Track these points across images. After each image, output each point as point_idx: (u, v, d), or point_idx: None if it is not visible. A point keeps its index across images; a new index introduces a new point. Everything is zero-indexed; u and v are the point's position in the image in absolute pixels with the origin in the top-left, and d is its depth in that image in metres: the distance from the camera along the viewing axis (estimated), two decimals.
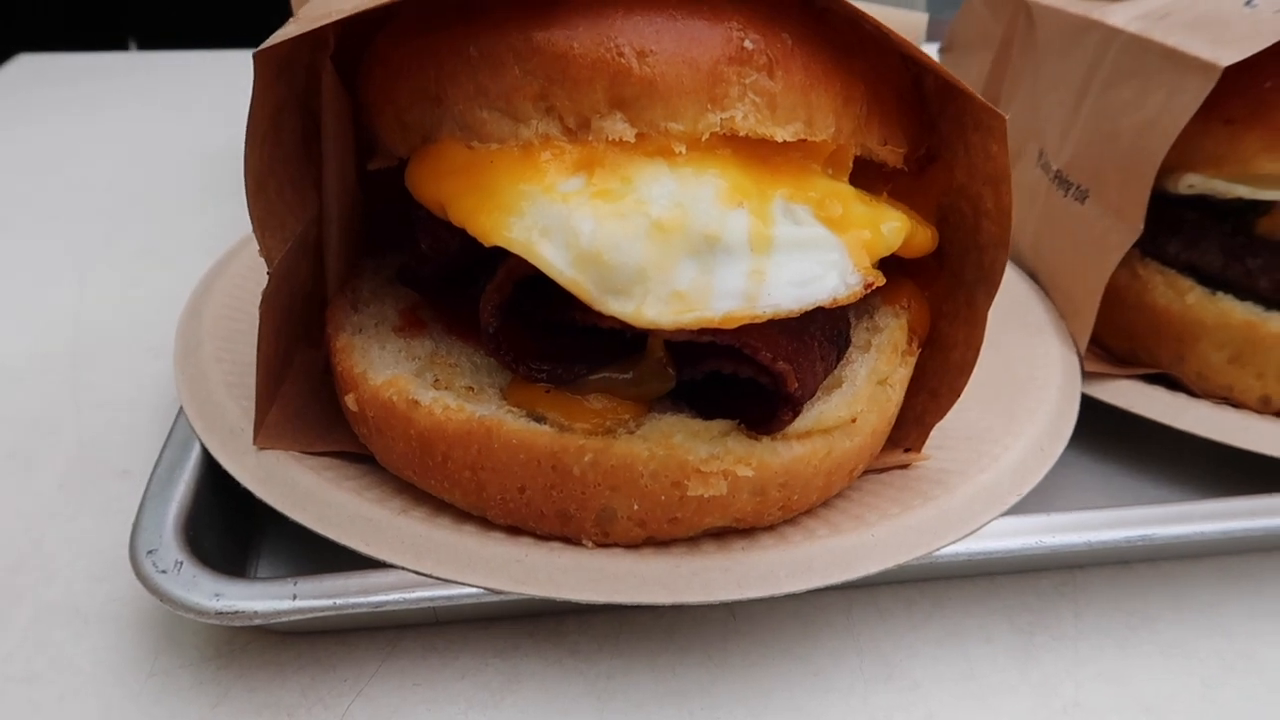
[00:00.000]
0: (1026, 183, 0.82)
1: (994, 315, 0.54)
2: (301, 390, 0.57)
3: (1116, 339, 0.72)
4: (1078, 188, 0.72)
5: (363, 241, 0.61)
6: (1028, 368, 0.65)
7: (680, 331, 0.44)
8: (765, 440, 0.47)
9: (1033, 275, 0.79)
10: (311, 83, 0.54)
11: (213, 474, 0.53)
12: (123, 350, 0.78)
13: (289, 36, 0.46)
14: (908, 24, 1.23)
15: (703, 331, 0.44)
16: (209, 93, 1.41)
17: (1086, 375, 0.67)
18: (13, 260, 0.93)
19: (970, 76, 1.16)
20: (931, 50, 1.29)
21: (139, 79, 1.47)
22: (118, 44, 1.56)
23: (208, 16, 1.69)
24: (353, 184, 0.58)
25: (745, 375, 0.45)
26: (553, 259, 0.43)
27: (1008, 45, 0.97)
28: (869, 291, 0.47)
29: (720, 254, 0.44)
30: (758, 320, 0.44)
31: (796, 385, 0.45)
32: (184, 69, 1.51)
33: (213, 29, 1.67)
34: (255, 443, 0.52)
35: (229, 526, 0.54)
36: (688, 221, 0.44)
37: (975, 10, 1.19)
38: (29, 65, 1.51)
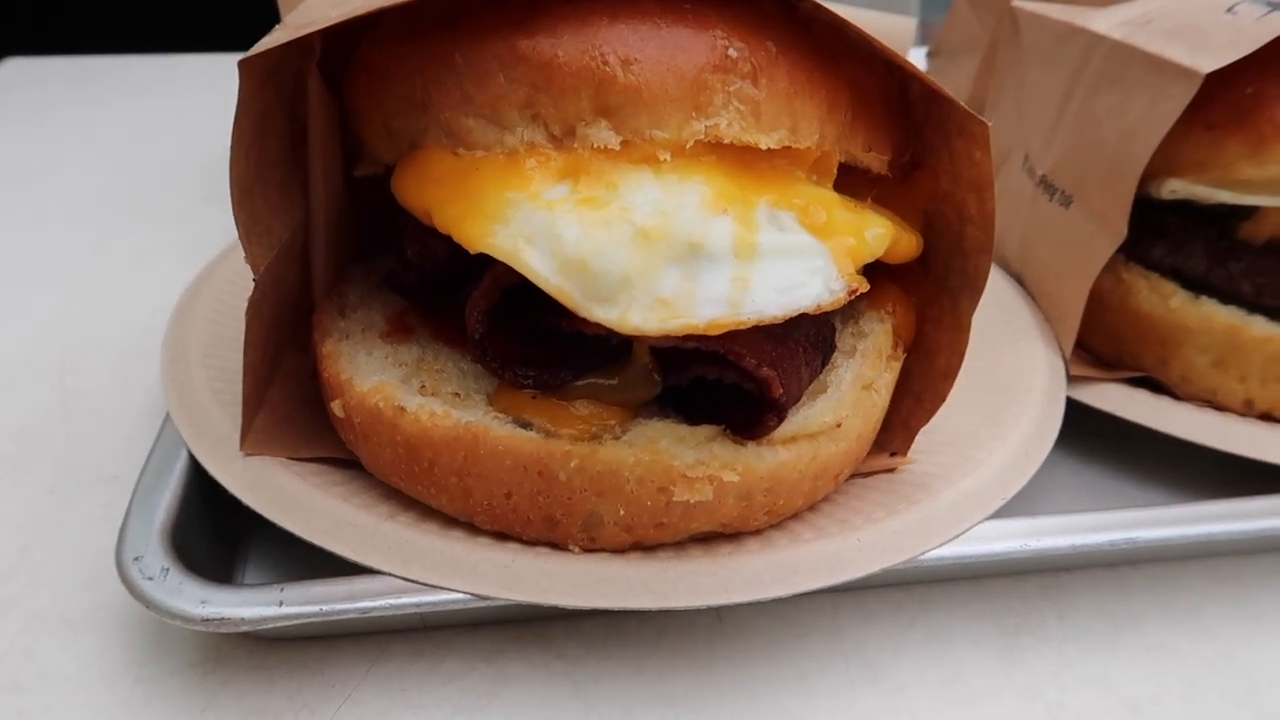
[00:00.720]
0: (1012, 187, 0.82)
1: (979, 319, 0.54)
2: (289, 395, 0.57)
3: (1102, 343, 0.73)
4: (1062, 193, 0.73)
5: (350, 247, 0.61)
6: (1013, 372, 0.65)
7: (665, 338, 0.44)
8: (751, 445, 0.47)
9: (1019, 279, 0.79)
10: (298, 89, 0.54)
11: (199, 480, 0.53)
12: (111, 355, 0.78)
13: (275, 44, 0.46)
14: (897, 29, 1.24)
15: (687, 338, 0.44)
16: (198, 96, 1.41)
17: (1071, 379, 0.68)
18: (1, 265, 0.93)
19: (957, 81, 1.17)
20: (919, 55, 1.30)
21: (128, 83, 1.46)
22: (104, 47, 1.55)
23: (197, 20, 1.69)
24: (339, 189, 0.58)
25: (730, 381, 0.46)
26: (538, 266, 0.44)
27: (993, 51, 0.98)
28: (853, 298, 0.47)
29: (704, 261, 0.44)
30: (742, 326, 0.44)
31: (781, 391, 0.45)
32: (173, 72, 1.50)
33: (202, 32, 1.66)
34: (242, 449, 0.52)
35: (216, 532, 0.54)
36: (672, 228, 0.44)
37: (961, 16, 1.20)
38: (18, 69, 1.50)
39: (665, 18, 0.46)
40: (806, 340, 0.49)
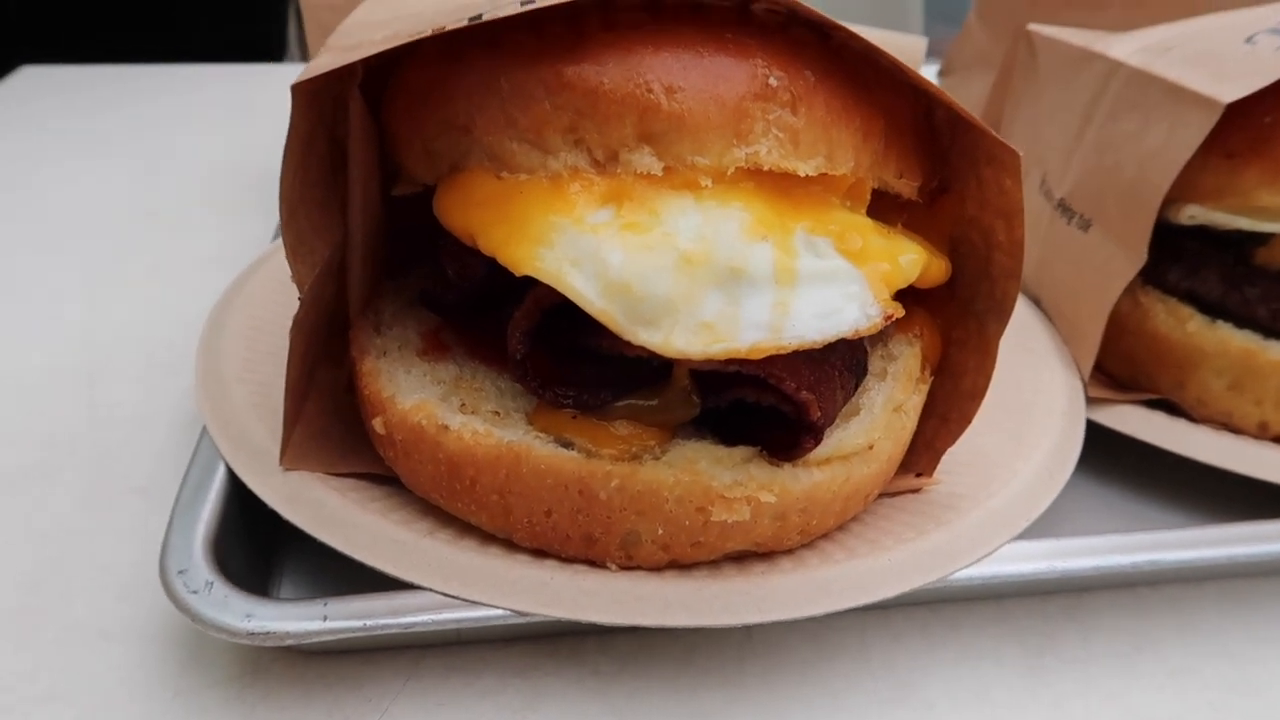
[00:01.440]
0: (1029, 209, 0.82)
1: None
2: (324, 410, 0.58)
3: (1119, 365, 0.74)
4: (1080, 217, 0.74)
5: (384, 264, 0.62)
6: (1033, 393, 0.66)
7: (707, 361, 0.45)
8: (786, 467, 0.48)
9: (1035, 300, 0.80)
10: (339, 111, 0.55)
11: (238, 494, 0.54)
12: (136, 366, 0.78)
13: (325, 69, 0.47)
14: (909, 48, 1.25)
15: (729, 361, 0.45)
16: (216, 106, 1.42)
17: (1090, 401, 0.69)
18: (23, 276, 0.93)
19: (970, 99, 1.19)
20: (930, 72, 1.32)
21: (145, 91, 1.47)
22: (121, 56, 1.56)
23: (209, 29, 1.69)
24: (377, 208, 0.59)
25: (768, 404, 0.47)
26: (583, 289, 0.44)
27: (1008, 71, 0.99)
28: (889, 323, 0.48)
29: (746, 286, 0.45)
30: (783, 351, 0.45)
31: (819, 414, 0.46)
32: (189, 81, 1.51)
33: (214, 42, 1.67)
34: (281, 463, 0.53)
35: (254, 546, 0.55)
36: (714, 254, 0.45)
37: (973, 34, 1.21)
38: (33, 77, 1.51)
39: (707, 46, 0.47)
40: (842, 364, 0.50)
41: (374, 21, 0.57)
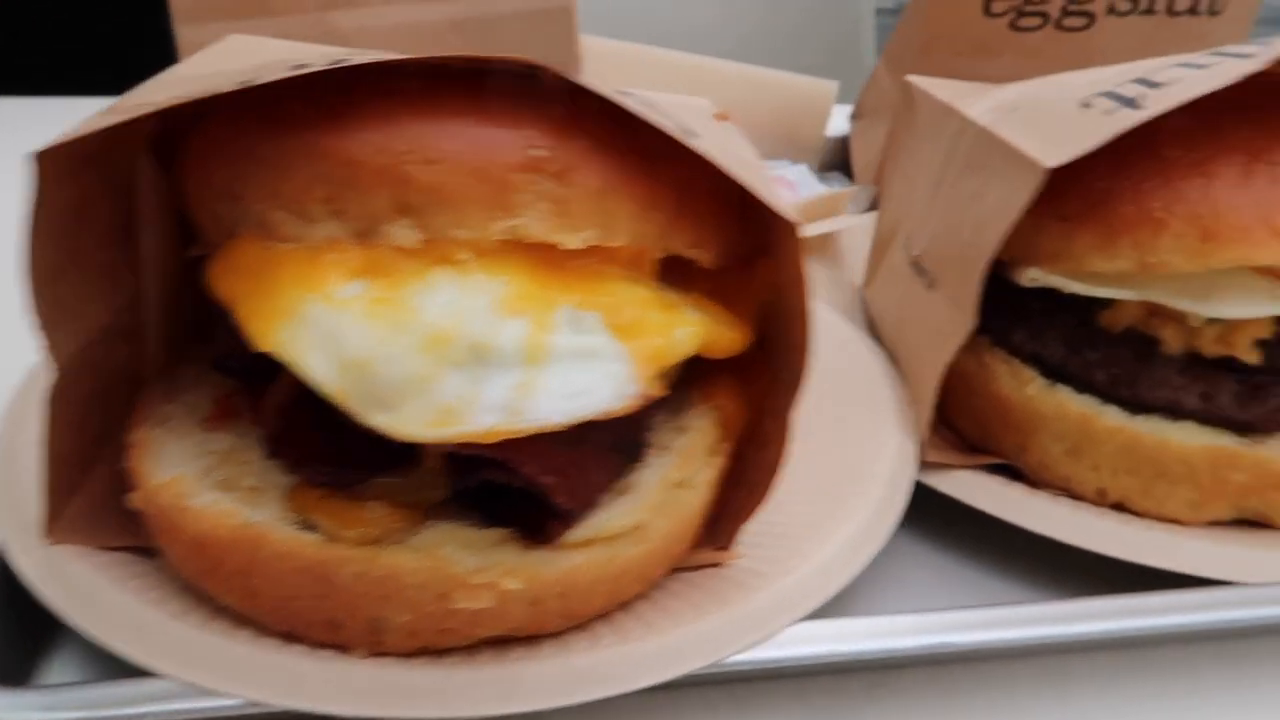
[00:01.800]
0: (895, 264, 0.83)
1: (842, 399, 0.54)
2: (113, 479, 0.56)
3: (969, 426, 0.73)
4: (929, 276, 0.73)
5: (189, 325, 0.61)
6: (862, 458, 0.65)
7: (442, 444, 0.44)
8: (539, 550, 0.47)
9: (894, 360, 0.79)
10: (133, 168, 0.54)
11: (5, 568, 0.52)
12: None
13: (79, 135, 0.46)
14: (814, 92, 1.24)
15: (466, 445, 0.44)
16: None
17: (927, 465, 0.67)
18: None
19: (877, 144, 1.19)
20: (843, 112, 1.31)
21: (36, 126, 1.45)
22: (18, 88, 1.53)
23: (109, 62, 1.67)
24: (173, 269, 0.58)
25: (517, 485, 0.45)
26: (319, 369, 0.43)
27: (896, 121, 0.99)
28: (648, 404, 0.47)
29: (491, 365, 0.44)
30: (521, 434, 0.44)
31: (563, 498, 0.44)
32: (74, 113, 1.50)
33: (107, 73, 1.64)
34: (48, 537, 0.51)
35: (22, 625, 0.53)
36: (461, 331, 0.44)
37: (880, 80, 1.22)
38: None
39: (473, 115, 0.47)
40: (604, 443, 0.48)
41: (177, 78, 0.56)
